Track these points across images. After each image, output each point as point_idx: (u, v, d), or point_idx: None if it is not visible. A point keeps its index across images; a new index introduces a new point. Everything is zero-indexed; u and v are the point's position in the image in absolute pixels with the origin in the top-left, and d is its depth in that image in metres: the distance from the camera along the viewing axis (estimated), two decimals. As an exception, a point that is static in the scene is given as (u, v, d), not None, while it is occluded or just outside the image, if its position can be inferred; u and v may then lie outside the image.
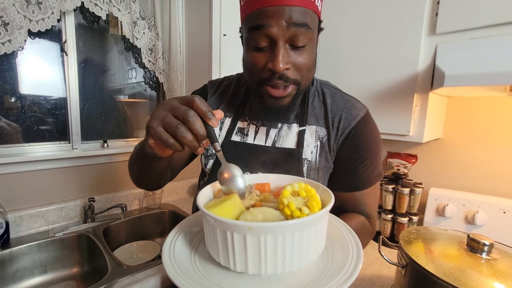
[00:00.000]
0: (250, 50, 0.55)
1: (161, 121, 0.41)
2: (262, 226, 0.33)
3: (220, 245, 0.36)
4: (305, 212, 0.36)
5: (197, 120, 0.40)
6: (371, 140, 0.64)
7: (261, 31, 0.50)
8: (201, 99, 0.41)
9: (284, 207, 0.37)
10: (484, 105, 1.03)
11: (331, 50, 1.13)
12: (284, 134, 0.65)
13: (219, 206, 0.37)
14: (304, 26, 0.50)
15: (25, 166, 1.12)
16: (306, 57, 0.54)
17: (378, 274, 0.85)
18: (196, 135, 0.40)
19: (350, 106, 0.64)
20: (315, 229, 0.36)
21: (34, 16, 1.07)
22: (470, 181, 1.07)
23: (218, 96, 0.73)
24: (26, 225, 1.12)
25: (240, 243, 0.34)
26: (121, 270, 0.89)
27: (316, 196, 0.38)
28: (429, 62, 0.89)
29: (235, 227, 0.33)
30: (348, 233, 0.44)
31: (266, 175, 0.51)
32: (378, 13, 0.98)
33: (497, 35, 0.76)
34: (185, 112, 0.40)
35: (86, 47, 1.32)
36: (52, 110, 1.25)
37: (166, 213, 1.42)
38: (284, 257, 0.34)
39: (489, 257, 0.57)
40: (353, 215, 0.64)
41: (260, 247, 0.33)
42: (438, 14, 0.85)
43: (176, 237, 0.44)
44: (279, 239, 0.33)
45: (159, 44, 1.42)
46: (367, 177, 0.64)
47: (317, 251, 0.38)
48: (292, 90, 0.56)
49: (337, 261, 0.38)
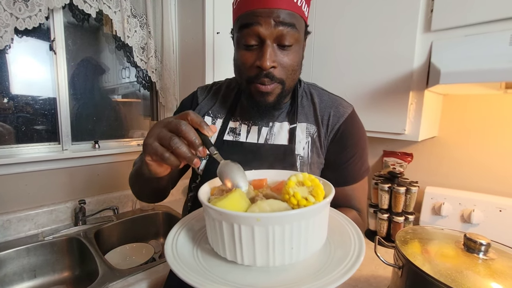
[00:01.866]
0: (240, 49, 0.59)
1: (156, 136, 0.43)
2: (271, 216, 0.33)
3: (226, 239, 0.35)
4: (311, 201, 0.36)
5: (191, 129, 0.41)
6: (359, 136, 0.67)
7: (251, 29, 0.54)
8: (194, 113, 0.43)
9: (290, 197, 0.37)
10: (479, 103, 1.02)
11: (326, 48, 1.12)
12: (276, 132, 0.67)
13: (225, 199, 0.36)
14: (290, 26, 0.55)
15: (13, 168, 1.09)
16: (292, 58, 0.58)
17: (374, 274, 0.84)
18: (191, 143, 0.41)
19: (337, 104, 0.67)
20: (320, 218, 0.37)
21: (21, 13, 1.04)
22: (466, 180, 1.06)
23: (209, 99, 0.74)
24: (15, 228, 1.09)
25: (248, 236, 0.34)
26: (112, 274, 0.87)
27: (320, 185, 0.39)
28: (424, 59, 0.88)
29: (243, 219, 0.33)
30: (347, 223, 0.45)
31: (261, 172, 0.51)
32: (372, 10, 0.97)
33: (492, 31, 0.75)
34: (178, 124, 0.41)
35: (76, 46, 1.29)
36: (41, 111, 1.22)
37: (160, 215, 1.40)
38: (291, 247, 0.35)
39: (486, 257, 0.56)
40: (345, 209, 0.66)
41: (269, 238, 0.33)
42: (433, 11, 0.84)
43: (179, 232, 0.44)
44: (287, 229, 0.33)
45: (151, 42, 1.40)
46: (356, 172, 0.67)
47: (322, 240, 0.39)
48: (277, 88, 0.59)
49: (339, 252, 0.39)
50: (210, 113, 0.72)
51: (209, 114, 0.72)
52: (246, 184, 0.43)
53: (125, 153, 1.39)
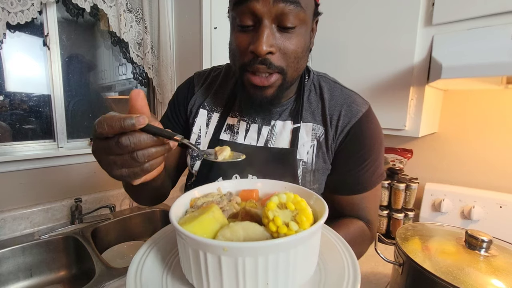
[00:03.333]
0: (235, 31, 0.50)
1: (117, 166, 0.35)
2: (239, 246, 0.27)
3: (193, 266, 0.31)
4: (293, 229, 0.30)
5: (141, 137, 0.33)
6: (373, 139, 0.59)
7: (246, 6, 0.46)
8: (103, 122, 0.33)
9: (269, 222, 0.31)
10: (480, 98, 1.01)
11: (326, 42, 1.10)
12: (278, 132, 0.59)
13: (195, 221, 0.31)
14: (293, 3, 0.45)
15: (8, 166, 1.08)
16: (295, 42, 0.48)
17: (374, 271, 0.84)
18: (146, 146, 0.34)
19: (350, 101, 0.58)
20: (304, 248, 0.31)
21: (13, 8, 1.02)
22: (466, 176, 1.06)
23: (205, 89, 0.66)
24: (10, 227, 1.07)
25: (214, 266, 0.29)
26: (109, 272, 0.86)
27: (307, 209, 0.33)
28: (425, 54, 0.87)
29: (208, 246, 0.28)
30: (344, 250, 0.38)
31: (254, 181, 0.46)
32: (373, 4, 0.96)
33: (494, 25, 0.74)
34: (124, 143, 0.33)
35: (70, 41, 1.27)
36: (35, 108, 1.20)
37: (158, 212, 1.39)
38: (266, 283, 0.29)
39: (488, 254, 0.56)
40: (351, 220, 0.59)
41: (238, 271, 0.28)
42: (434, 4, 0.83)
43: (148, 253, 0.38)
44: (260, 262, 0.28)
45: (147, 38, 1.37)
46: (367, 179, 0.59)
47: (307, 273, 0.33)
48: (276, 80, 0.50)
49: (330, 285, 0.33)
50: (206, 105, 0.64)
51: (204, 106, 0.64)
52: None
53: (122, 151, 1.37)
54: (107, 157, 0.35)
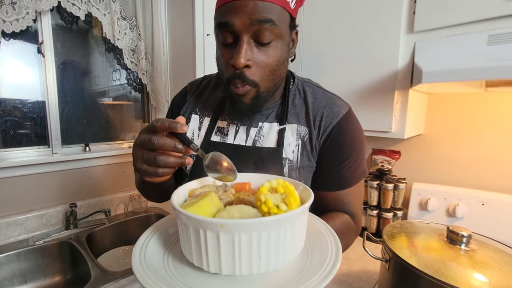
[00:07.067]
0: (219, 47, 0.56)
1: (141, 160, 0.44)
2: (236, 223, 0.32)
3: (193, 244, 0.34)
4: (283, 209, 0.35)
5: (165, 140, 0.42)
6: (354, 138, 0.63)
7: (226, 25, 0.51)
8: (159, 120, 0.43)
9: (261, 204, 0.36)
10: (463, 101, 1.06)
11: (311, 49, 1.14)
12: (265, 133, 0.64)
13: (195, 205, 0.36)
14: (268, 22, 0.49)
15: (2, 173, 1.08)
16: (272, 55, 0.53)
17: (364, 269, 0.86)
18: (173, 150, 0.42)
19: (331, 104, 0.63)
20: (292, 227, 0.35)
21: (8, 16, 1.03)
22: (451, 176, 1.09)
23: (196, 96, 0.72)
24: (4, 233, 1.07)
25: (213, 242, 0.32)
26: (104, 276, 0.86)
27: (294, 192, 0.37)
28: (408, 59, 0.91)
29: (208, 224, 0.32)
30: (328, 232, 0.42)
31: (246, 175, 0.50)
32: (358, 11, 1.00)
33: (471, 32, 0.79)
34: (153, 141, 0.42)
35: (64, 49, 1.28)
36: (30, 114, 1.21)
37: (153, 217, 1.40)
38: (259, 257, 0.33)
39: (468, 248, 0.59)
40: (337, 214, 0.63)
41: (234, 246, 0.32)
42: (415, 13, 0.87)
43: (150, 237, 0.43)
44: (254, 237, 0.32)
45: (141, 44, 1.39)
46: (350, 176, 0.63)
47: (295, 250, 0.37)
48: (249, 91, 0.55)
49: (315, 261, 0.37)
50: (198, 111, 0.69)
51: (196, 112, 0.69)
52: (236, 175, 0.44)
53: (117, 156, 1.38)
54: (140, 150, 0.44)
